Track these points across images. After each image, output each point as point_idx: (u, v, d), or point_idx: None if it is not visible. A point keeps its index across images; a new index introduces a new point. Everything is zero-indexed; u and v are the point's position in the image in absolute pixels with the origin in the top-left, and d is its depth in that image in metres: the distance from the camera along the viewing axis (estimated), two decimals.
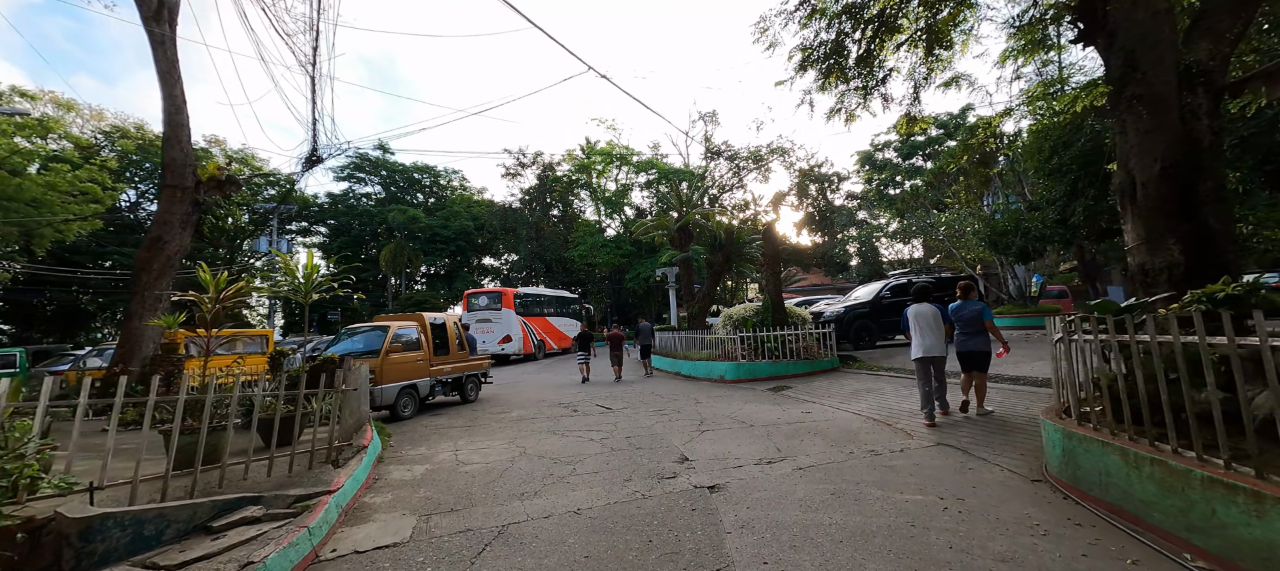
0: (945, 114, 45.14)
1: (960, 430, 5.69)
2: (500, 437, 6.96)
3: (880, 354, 12.59)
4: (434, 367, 9.63)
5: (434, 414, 9.41)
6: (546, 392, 11.79)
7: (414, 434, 7.62)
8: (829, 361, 11.44)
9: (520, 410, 9.28)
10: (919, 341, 6.24)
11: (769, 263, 12.64)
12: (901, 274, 13.80)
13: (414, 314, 9.82)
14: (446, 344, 10.08)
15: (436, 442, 6.92)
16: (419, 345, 9.31)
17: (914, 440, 5.49)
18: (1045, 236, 13.41)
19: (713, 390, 10.34)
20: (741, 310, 12.89)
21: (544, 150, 42.85)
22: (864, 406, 7.45)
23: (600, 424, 7.48)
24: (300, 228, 46.34)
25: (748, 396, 9.19)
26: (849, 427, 6.27)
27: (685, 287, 18.30)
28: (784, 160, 45.70)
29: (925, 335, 6.23)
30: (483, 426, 7.86)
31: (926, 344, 6.18)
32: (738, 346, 11.67)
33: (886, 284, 13.35)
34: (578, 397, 10.47)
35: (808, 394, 8.97)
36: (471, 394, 10.69)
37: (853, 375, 10.49)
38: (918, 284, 7.47)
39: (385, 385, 8.43)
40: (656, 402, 9.16)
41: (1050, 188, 12.80)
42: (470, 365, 10.64)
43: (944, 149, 40.57)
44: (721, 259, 16.80)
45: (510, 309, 23.05)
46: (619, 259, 36.36)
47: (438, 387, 9.73)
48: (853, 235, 45.47)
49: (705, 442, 5.94)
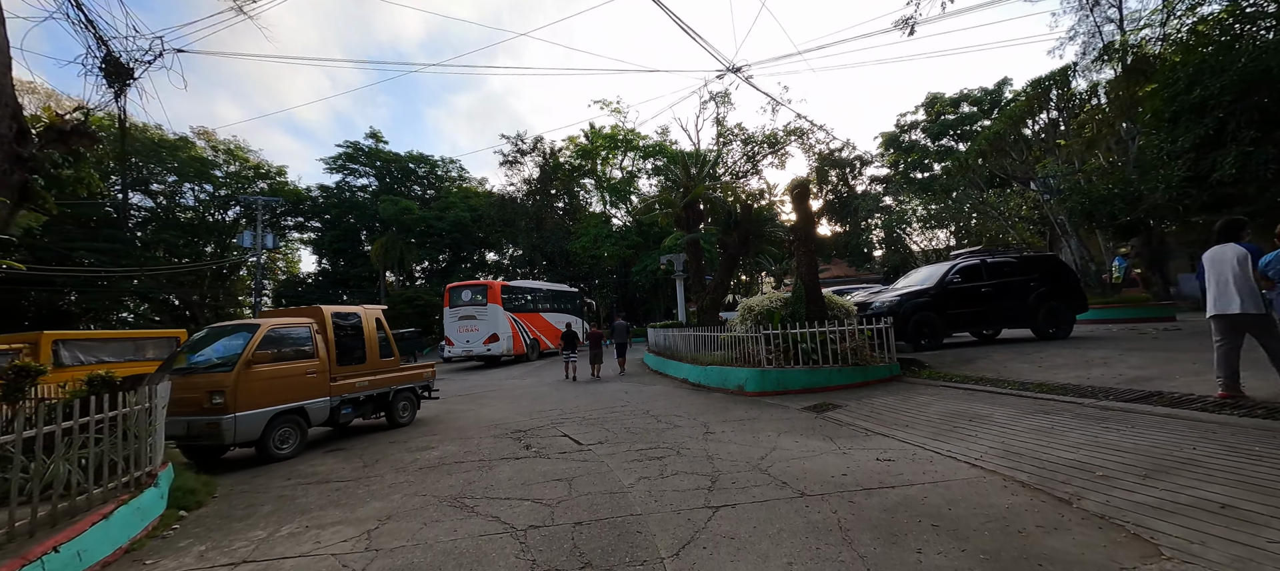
0: (979, 88, 41.68)
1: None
2: (371, 508, 4.17)
3: (951, 356, 9.56)
4: (340, 382, 6.90)
5: (331, 448, 6.67)
6: (513, 408, 9.02)
7: (253, 493, 4.86)
8: (886, 368, 8.48)
9: (455, 443, 6.50)
10: (1217, 296, 4.85)
11: (801, 240, 9.70)
12: (971, 251, 10.75)
13: (310, 308, 7.09)
14: (361, 348, 7.35)
15: (260, 520, 4.13)
16: (311, 352, 6.57)
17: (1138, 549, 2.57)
18: (1166, 203, 10.22)
19: (728, 407, 7.46)
20: (764, 300, 9.96)
21: (544, 135, 39.81)
22: (974, 447, 4.53)
23: (548, 482, 4.65)
24: (297, 223, 44.33)
25: (780, 421, 6.30)
26: (983, 504, 3.36)
27: (694, 276, 15.38)
28: (803, 143, 42.44)
29: (1228, 286, 4.77)
30: (372, 481, 5.07)
31: (1231, 298, 4.73)
32: (762, 348, 8.78)
33: (953, 265, 10.35)
34: (548, 418, 7.68)
35: (869, 419, 6.06)
36: (403, 415, 7.95)
37: (926, 388, 7.52)
38: (1225, 220, 4.92)
39: (244, 413, 5.70)
40: (648, 432, 6.31)
41: (1173, 137, 9.61)
42: (400, 377, 7.90)
43: (980, 129, 37.05)
44: (737, 240, 13.85)
45: (497, 304, 20.31)
46: (625, 251, 33.54)
47: (346, 409, 7.00)
48: (877, 222, 41.99)
49: (718, 552, 3.07)
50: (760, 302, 9.85)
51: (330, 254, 43.61)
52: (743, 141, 40.94)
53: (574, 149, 39.55)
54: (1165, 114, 9.51)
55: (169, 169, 35.75)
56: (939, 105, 42.98)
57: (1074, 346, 9.37)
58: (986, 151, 19.99)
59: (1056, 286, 10.43)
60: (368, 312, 7.62)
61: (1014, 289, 10.27)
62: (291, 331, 6.52)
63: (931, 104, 43.79)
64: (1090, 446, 4.23)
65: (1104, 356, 7.93)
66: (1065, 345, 9.69)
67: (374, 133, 42.27)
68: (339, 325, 7.10)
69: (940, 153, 42.18)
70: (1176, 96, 9.15)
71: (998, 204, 27.02)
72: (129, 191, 36.64)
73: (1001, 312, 10.34)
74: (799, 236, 9.74)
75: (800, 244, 9.64)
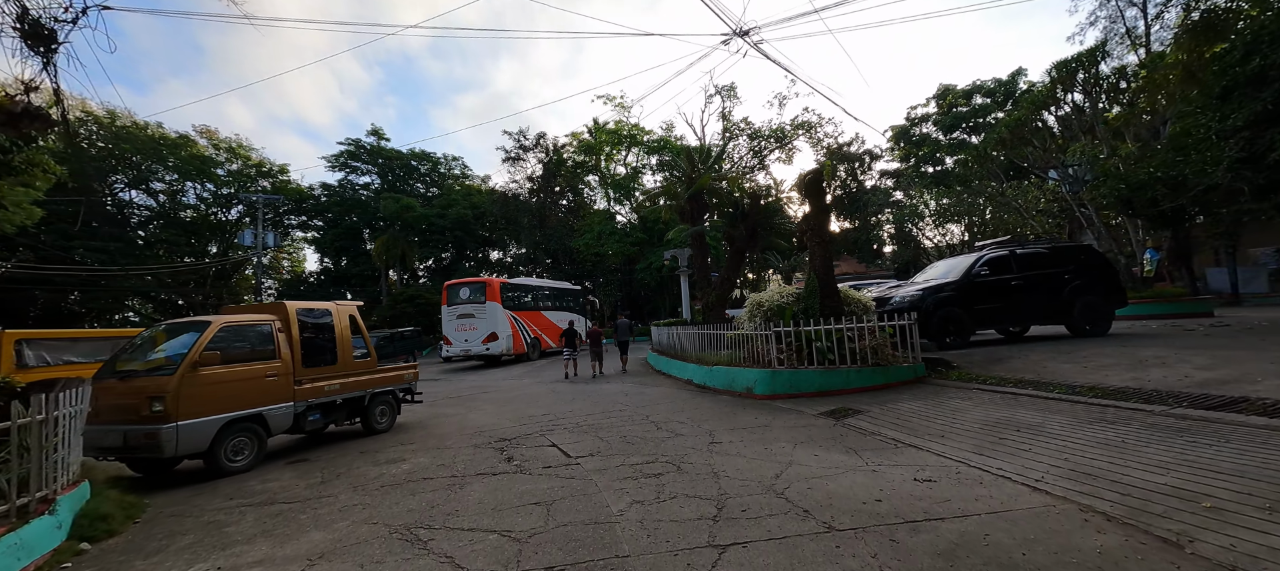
0: (992, 80, 40.55)
1: None
2: (307, 541, 3.47)
3: (980, 355, 8.75)
4: (307, 385, 6.23)
5: (293, 459, 6.00)
6: (503, 412, 8.33)
7: (182, 517, 4.18)
8: (910, 368, 7.71)
9: (430, 454, 5.81)
10: None
11: (814, 230, 8.94)
12: (998, 242, 9.94)
13: (274, 303, 6.43)
14: (331, 348, 6.68)
15: (172, 555, 3.41)
16: (272, 352, 5.91)
17: None
18: (1216, 187, 9.30)
19: (736, 413, 6.73)
20: (774, 295, 9.21)
21: (547, 131, 39.16)
22: (1032, 465, 3.76)
23: (523, 506, 3.95)
24: (300, 222, 43.98)
25: (794, 429, 5.56)
26: (1066, 546, 2.60)
27: (699, 272, 14.63)
28: (810, 137, 41.45)
29: None
30: (321, 503, 4.38)
31: None
32: (772, 346, 8.03)
33: (979, 256, 9.54)
34: (539, 424, 6.98)
35: (897, 427, 5.30)
36: (381, 421, 7.28)
37: (957, 391, 6.74)
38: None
39: (188, 422, 5.04)
40: (646, 442, 5.60)
41: (1223, 115, 8.72)
42: (376, 379, 7.22)
43: (993, 121, 35.92)
44: (744, 232, 13.08)
45: (496, 302, 19.64)
46: (629, 248, 32.80)
47: (313, 415, 6.33)
48: (887, 218, 40.93)
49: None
50: (770, 298, 9.10)
51: (333, 252, 43.24)
52: (749, 136, 40.08)
53: (578, 145, 38.87)
54: (1214, 88, 8.63)
55: (168, 167, 35.42)
56: (951, 97, 41.94)
57: (1118, 344, 8.53)
58: (1006, 140, 19.04)
59: (1094, 279, 9.59)
60: (340, 309, 6.94)
61: (1047, 282, 9.45)
62: (249, 329, 5.86)
63: (943, 96, 42.77)
64: (1181, 467, 3.46)
65: (1158, 355, 7.10)
66: (1106, 343, 8.86)
67: (376, 130, 41.81)
68: (306, 323, 6.43)
69: (953, 145, 41.13)
70: (1229, 69, 8.28)
71: (1015, 196, 26.04)
72: (131, 189, 36.41)
73: (1033, 308, 9.52)
74: (811, 227, 8.97)
75: (813, 234, 8.87)
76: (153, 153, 33.83)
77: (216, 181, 37.92)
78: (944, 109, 41.93)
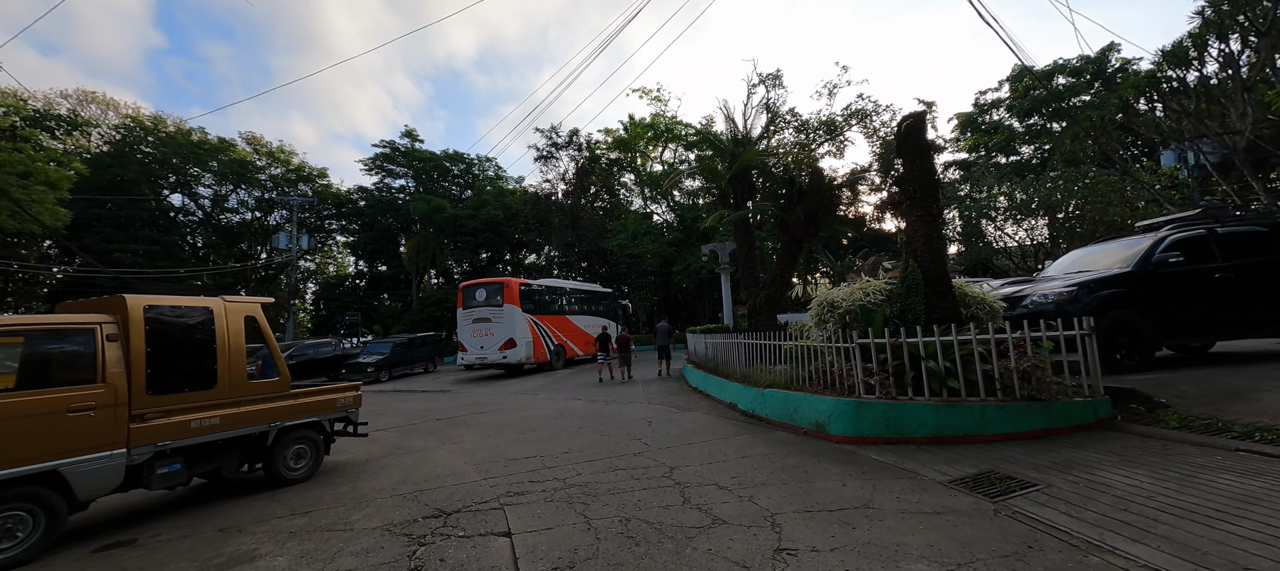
0: (1078, 57, 35.80)
1: None
2: None
3: (1186, 382, 5.74)
4: (155, 422, 4.15)
5: (111, 541, 3.94)
6: (479, 451, 6.09)
7: None
8: (1087, 406, 4.91)
9: (309, 538, 3.60)
10: None
11: (916, 195, 6.24)
12: (1187, 217, 6.90)
13: (110, 299, 4.34)
14: (206, 364, 4.58)
15: None
16: (87, 372, 3.85)
17: None
18: None
19: (809, 473, 4.18)
20: (855, 292, 6.52)
21: (580, 128, 37.34)
22: None
23: None
24: (340, 225, 44.01)
25: (921, 519, 2.97)
26: None
27: (743, 268, 11.99)
28: (865, 127, 37.73)
29: None
30: None
31: None
32: (856, 364, 5.44)
33: (1160, 238, 6.54)
34: (512, 480, 4.68)
35: (1132, 529, 2.61)
36: (295, 466, 5.15)
37: (1200, 450, 3.94)
38: None
39: None
40: (663, 538, 3.16)
41: None
42: (287, 408, 5.08)
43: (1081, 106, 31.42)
44: (802, 218, 10.39)
45: (514, 305, 17.59)
46: (666, 249, 30.37)
47: (168, 466, 4.24)
48: (958, 213, 36.67)
49: None
50: (849, 296, 6.44)
51: (369, 256, 42.96)
52: (795, 129, 36.85)
53: (612, 141, 36.82)
54: None
55: (211, 170, 35.75)
56: (1027, 79, 37.34)
57: None
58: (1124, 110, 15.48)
59: None
60: (230, 308, 4.85)
61: (1270, 273, 6.39)
62: (47, 341, 3.82)
63: (1018, 78, 38.20)
64: None
65: None
66: None
67: (410, 132, 41.21)
68: (161, 328, 4.35)
69: (1030, 132, 36.60)
70: None
71: (1119, 184, 22.02)
72: (175, 193, 37.00)
73: (1251, 311, 6.43)
74: (910, 194, 6.27)
75: (915, 204, 6.18)
76: (195, 157, 34.13)
77: (258, 186, 38.16)
78: (1018, 93, 37.41)
